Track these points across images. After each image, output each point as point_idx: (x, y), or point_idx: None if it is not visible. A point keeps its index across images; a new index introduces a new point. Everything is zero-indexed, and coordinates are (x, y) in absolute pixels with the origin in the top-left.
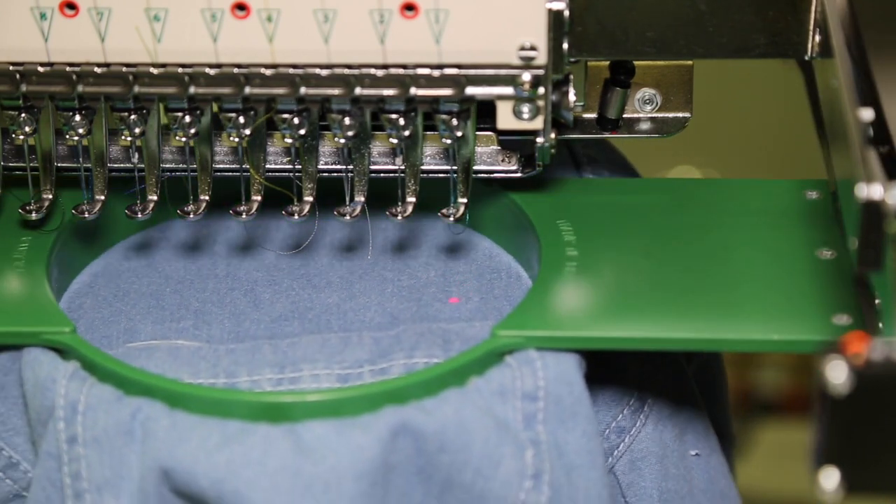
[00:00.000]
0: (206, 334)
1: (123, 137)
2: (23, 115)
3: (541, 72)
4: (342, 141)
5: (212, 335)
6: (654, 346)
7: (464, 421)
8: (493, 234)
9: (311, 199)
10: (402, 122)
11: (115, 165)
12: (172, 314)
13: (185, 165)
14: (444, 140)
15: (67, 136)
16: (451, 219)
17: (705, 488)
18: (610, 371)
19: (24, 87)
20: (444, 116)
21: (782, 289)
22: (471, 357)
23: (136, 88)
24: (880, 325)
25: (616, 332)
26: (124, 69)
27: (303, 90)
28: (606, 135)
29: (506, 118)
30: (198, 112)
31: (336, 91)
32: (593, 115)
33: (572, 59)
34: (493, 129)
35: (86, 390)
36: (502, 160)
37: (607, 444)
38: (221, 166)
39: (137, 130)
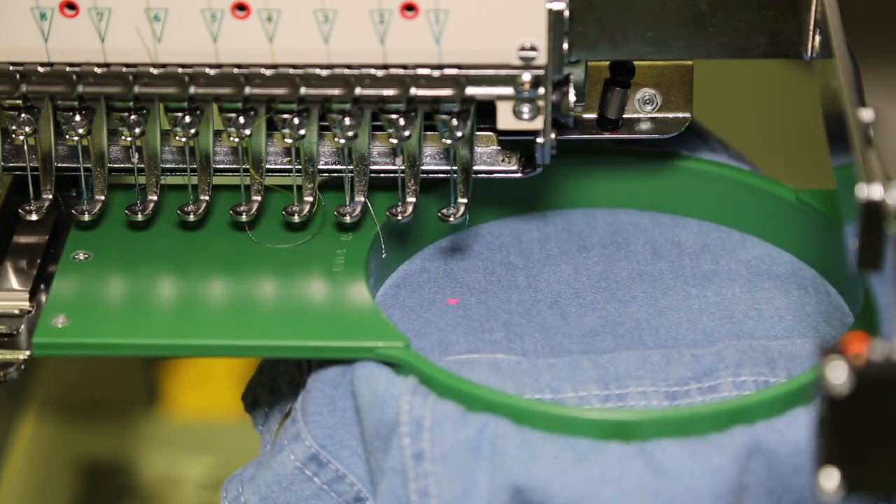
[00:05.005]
0: (521, 347)
1: (123, 137)
2: (23, 115)
3: (541, 72)
4: (342, 141)
5: (526, 348)
6: None
7: None
8: (794, 249)
9: (311, 199)
10: (402, 122)
11: (116, 165)
12: (482, 325)
13: (185, 165)
14: (444, 140)
15: (67, 137)
16: (452, 219)
17: None
18: None
19: (24, 87)
20: (444, 117)
21: None
22: (816, 375)
23: (136, 88)
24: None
25: None
26: (124, 69)
27: (303, 90)
28: (606, 135)
29: (506, 118)
30: (198, 112)
31: (336, 91)
32: (593, 116)
33: (572, 59)
34: (493, 129)
35: (430, 406)
36: (502, 160)
37: None
38: (221, 166)
39: (137, 130)
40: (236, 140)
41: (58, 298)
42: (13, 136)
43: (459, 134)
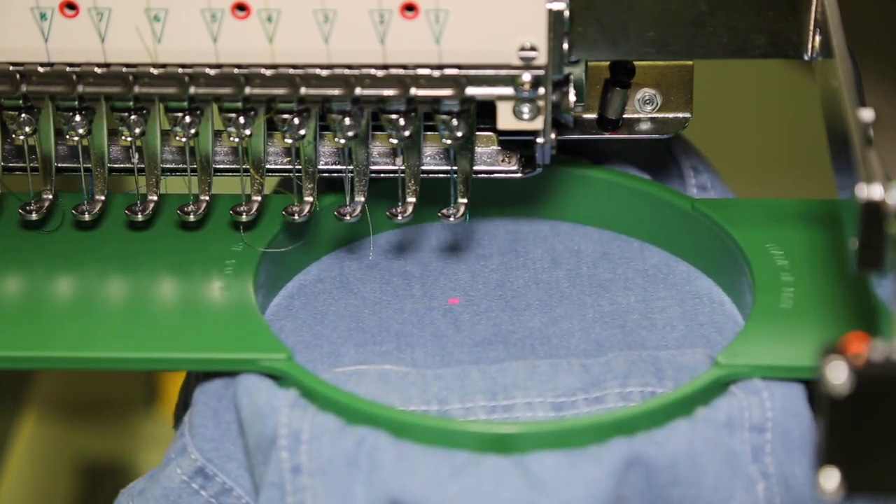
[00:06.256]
0: (411, 358)
1: (123, 137)
2: (23, 115)
3: (541, 72)
4: (342, 141)
5: (416, 359)
6: None
7: (695, 453)
8: (691, 258)
9: (311, 199)
10: (402, 122)
11: (116, 165)
12: (374, 337)
13: (185, 165)
14: (444, 140)
15: (67, 137)
16: (452, 219)
17: None
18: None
19: (24, 87)
20: (444, 117)
21: None
22: (697, 386)
23: (137, 88)
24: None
25: None
26: (124, 69)
27: (303, 90)
28: (606, 135)
29: (506, 118)
30: (198, 112)
31: (336, 91)
32: (593, 116)
33: (572, 59)
34: (493, 129)
35: (309, 419)
36: (502, 160)
37: None
38: (222, 166)
39: (137, 130)
40: (236, 140)
41: None
42: (13, 136)
43: (459, 134)
